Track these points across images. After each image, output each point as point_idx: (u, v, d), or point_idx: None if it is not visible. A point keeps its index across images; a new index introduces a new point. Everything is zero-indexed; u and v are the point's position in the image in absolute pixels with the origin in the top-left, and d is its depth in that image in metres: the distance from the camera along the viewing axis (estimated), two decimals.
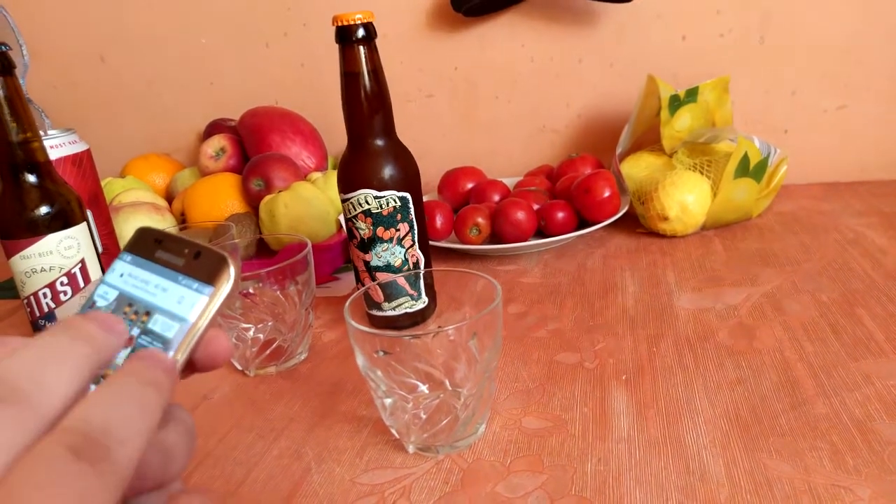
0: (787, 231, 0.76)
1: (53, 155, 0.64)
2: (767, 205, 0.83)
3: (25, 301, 0.58)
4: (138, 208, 0.82)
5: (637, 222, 0.82)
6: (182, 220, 0.87)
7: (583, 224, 0.79)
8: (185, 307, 0.25)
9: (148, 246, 0.27)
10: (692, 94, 0.84)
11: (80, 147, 0.67)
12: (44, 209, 0.56)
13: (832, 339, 0.52)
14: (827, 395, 0.45)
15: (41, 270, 0.57)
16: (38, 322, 0.59)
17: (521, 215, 0.75)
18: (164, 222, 0.83)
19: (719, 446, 0.41)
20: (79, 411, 0.19)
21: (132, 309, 0.25)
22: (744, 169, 0.75)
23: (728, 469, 0.39)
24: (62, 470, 0.17)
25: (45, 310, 0.58)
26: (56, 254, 0.57)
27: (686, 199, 0.75)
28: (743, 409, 0.44)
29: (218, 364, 0.25)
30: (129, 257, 0.27)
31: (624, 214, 0.79)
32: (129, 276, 0.26)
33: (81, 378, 0.20)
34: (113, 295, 0.26)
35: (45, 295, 0.58)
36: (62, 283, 0.58)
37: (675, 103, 0.84)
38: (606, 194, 0.76)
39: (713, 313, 0.58)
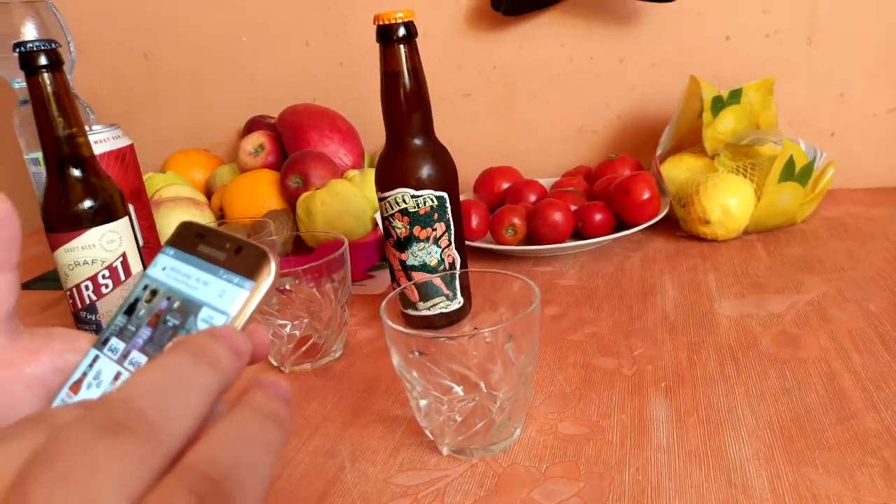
0: (832, 237, 0.74)
1: (98, 150, 0.65)
2: (812, 210, 0.80)
3: (68, 293, 0.59)
4: (178, 203, 0.83)
5: (677, 225, 0.81)
6: (220, 215, 0.88)
7: (621, 226, 0.77)
8: (225, 301, 0.25)
9: (190, 240, 0.27)
10: (735, 95, 0.82)
11: (123, 142, 0.68)
12: (87, 203, 0.57)
13: (881, 351, 0.50)
14: (877, 408, 0.43)
15: (84, 263, 0.58)
16: (80, 313, 0.60)
17: (557, 216, 0.74)
18: (203, 217, 0.84)
19: (762, 459, 0.40)
20: (205, 449, 0.18)
21: (173, 301, 0.26)
22: (789, 173, 0.73)
23: (772, 483, 0.38)
24: None
25: (87, 302, 0.59)
26: (98, 247, 0.58)
27: (728, 202, 0.74)
28: (787, 420, 0.43)
29: (258, 358, 0.25)
30: (171, 251, 0.27)
31: (663, 217, 0.78)
32: (172, 270, 0.26)
33: (206, 408, 0.19)
34: (155, 287, 0.26)
35: (86, 287, 0.59)
36: (104, 277, 0.59)
37: (718, 105, 0.82)
38: (646, 196, 0.75)
39: (756, 320, 0.57)
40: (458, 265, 0.58)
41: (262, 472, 0.19)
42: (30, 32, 0.81)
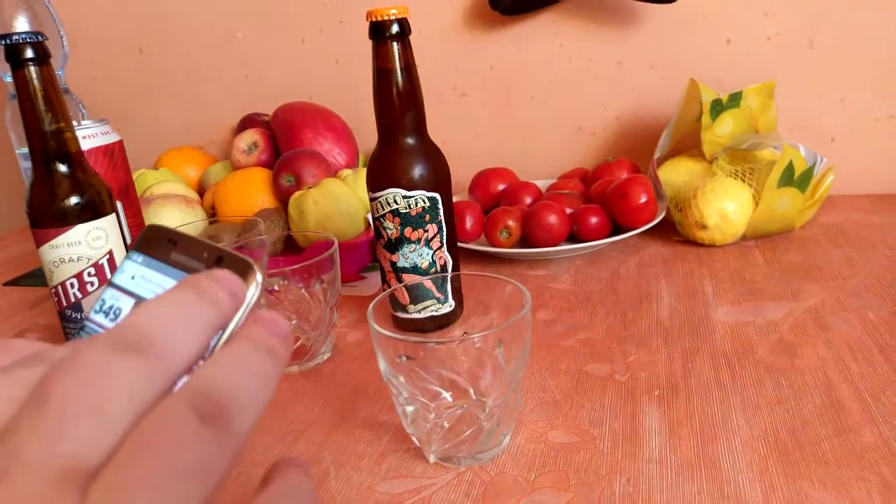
0: (831, 244, 0.73)
1: (85, 145, 0.64)
2: (811, 216, 0.79)
3: (53, 290, 0.58)
4: (169, 201, 0.82)
5: (674, 230, 0.80)
6: (212, 213, 0.87)
7: (617, 230, 0.76)
8: None
9: (161, 246, 0.25)
10: (735, 98, 0.81)
11: (112, 138, 0.67)
12: (74, 199, 0.56)
13: (880, 361, 0.49)
14: (875, 421, 0.42)
15: (69, 260, 0.57)
16: (65, 312, 0.59)
17: (553, 219, 0.73)
18: (195, 215, 0.83)
19: (757, 471, 0.39)
20: (205, 372, 0.19)
21: None
22: (788, 178, 0.72)
23: (766, 496, 0.37)
24: (187, 432, 0.17)
25: (73, 300, 0.58)
26: (84, 244, 0.57)
27: (726, 207, 0.73)
28: (783, 431, 0.42)
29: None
30: (139, 257, 0.25)
31: (660, 221, 0.77)
32: (143, 279, 0.24)
33: (206, 339, 0.21)
34: (125, 300, 0.24)
35: (72, 285, 0.57)
36: (89, 274, 0.57)
37: (718, 108, 0.81)
38: (643, 200, 0.74)
39: (752, 328, 0.56)
40: (449, 268, 0.57)
41: (258, 398, 0.20)
42: (21, 26, 0.80)
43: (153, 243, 0.25)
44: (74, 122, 0.59)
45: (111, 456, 0.17)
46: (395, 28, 0.51)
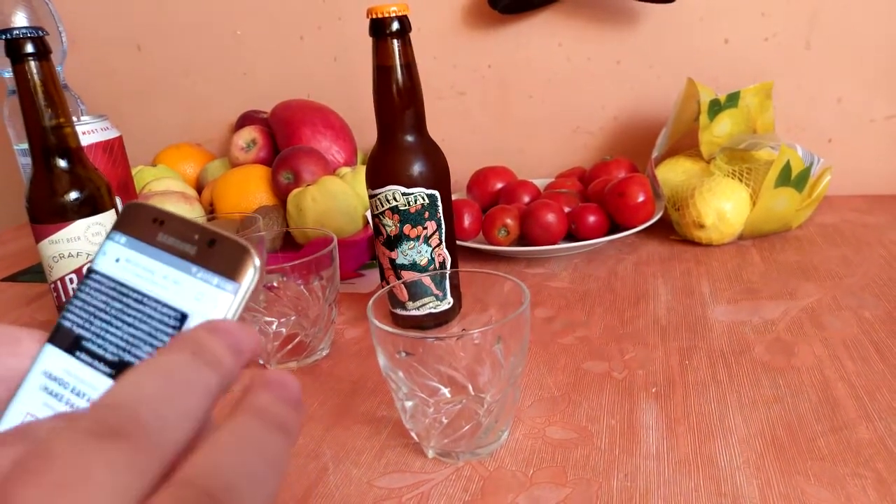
0: (828, 244, 0.73)
1: (85, 141, 0.64)
2: (808, 216, 0.80)
3: (52, 286, 0.58)
4: (167, 197, 0.82)
5: (671, 229, 0.80)
6: (211, 210, 0.87)
7: (615, 229, 0.77)
8: (206, 305, 0.21)
9: (146, 226, 0.22)
10: (733, 99, 0.81)
11: (111, 134, 0.67)
12: (73, 195, 0.56)
13: (876, 359, 0.49)
14: (870, 418, 0.42)
15: (68, 256, 0.57)
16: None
17: (551, 217, 0.74)
18: (193, 212, 0.83)
19: (753, 467, 0.39)
20: (202, 462, 0.16)
21: (140, 306, 0.21)
22: (785, 178, 0.73)
23: (762, 492, 0.37)
24: None
25: (71, 295, 0.58)
26: (84, 240, 0.57)
27: (724, 206, 0.73)
28: (779, 428, 0.42)
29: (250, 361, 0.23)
30: (122, 238, 0.22)
31: (658, 221, 0.77)
32: (128, 263, 0.22)
33: (204, 413, 0.18)
34: (108, 286, 0.22)
35: (71, 280, 0.58)
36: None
37: (716, 108, 0.81)
38: (641, 199, 0.74)
39: (749, 327, 0.56)
40: (448, 265, 0.57)
41: (266, 488, 0.17)
42: (20, 21, 0.80)
43: (136, 223, 0.22)
44: (74, 118, 0.59)
45: None
46: (395, 25, 0.51)
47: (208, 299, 0.21)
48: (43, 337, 0.22)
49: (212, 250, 0.21)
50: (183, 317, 0.21)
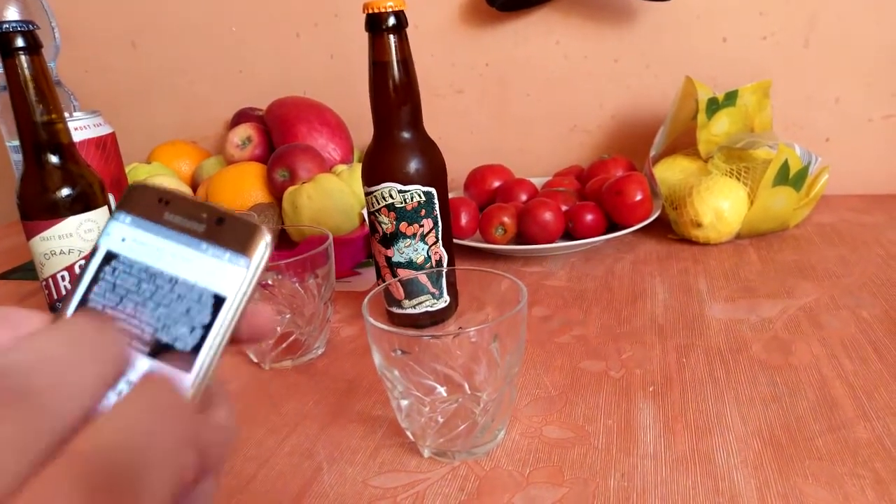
0: (825, 243, 0.73)
1: (77, 137, 0.63)
2: (806, 215, 0.79)
3: (44, 283, 0.58)
4: None
5: (669, 228, 0.80)
6: None
7: (612, 227, 0.76)
8: (219, 281, 0.21)
9: (151, 206, 0.22)
10: (731, 97, 0.81)
11: (104, 130, 0.67)
12: (65, 191, 0.56)
13: (874, 359, 0.49)
14: (868, 417, 0.42)
15: (60, 253, 0.56)
16: (56, 305, 0.58)
17: (548, 216, 0.73)
18: None
19: (751, 466, 0.39)
20: (99, 431, 0.16)
21: (151, 283, 0.21)
22: (783, 177, 0.73)
23: (760, 492, 0.37)
24: None
25: (63, 292, 0.57)
26: (76, 236, 0.56)
27: (721, 205, 0.73)
28: (777, 427, 0.42)
29: (264, 336, 0.23)
30: (127, 218, 0.22)
31: (655, 219, 0.77)
32: (135, 242, 0.22)
33: (106, 386, 0.17)
34: (120, 267, 0.21)
35: (63, 278, 0.57)
36: (80, 267, 0.57)
37: (713, 107, 0.81)
38: (638, 197, 0.74)
39: (747, 325, 0.56)
40: (444, 263, 0.57)
41: (171, 461, 0.16)
42: (12, 16, 0.80)
43: (141, 203, 0.22)
44: (66, 114, 0.58)
45: None
46: (392, 20, 0.51)
47: (220, 274, 0.21)
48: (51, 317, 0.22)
49: (221, 228, 0.21)
50: (197, 292, 0.21)
